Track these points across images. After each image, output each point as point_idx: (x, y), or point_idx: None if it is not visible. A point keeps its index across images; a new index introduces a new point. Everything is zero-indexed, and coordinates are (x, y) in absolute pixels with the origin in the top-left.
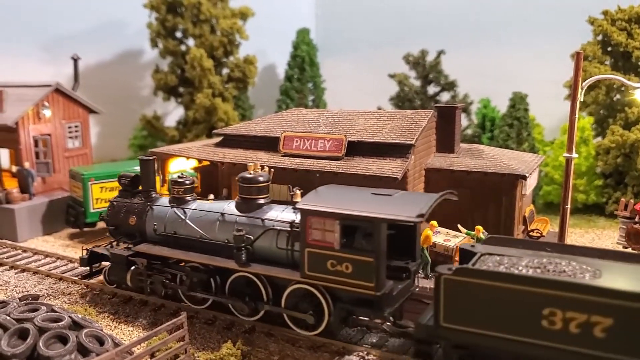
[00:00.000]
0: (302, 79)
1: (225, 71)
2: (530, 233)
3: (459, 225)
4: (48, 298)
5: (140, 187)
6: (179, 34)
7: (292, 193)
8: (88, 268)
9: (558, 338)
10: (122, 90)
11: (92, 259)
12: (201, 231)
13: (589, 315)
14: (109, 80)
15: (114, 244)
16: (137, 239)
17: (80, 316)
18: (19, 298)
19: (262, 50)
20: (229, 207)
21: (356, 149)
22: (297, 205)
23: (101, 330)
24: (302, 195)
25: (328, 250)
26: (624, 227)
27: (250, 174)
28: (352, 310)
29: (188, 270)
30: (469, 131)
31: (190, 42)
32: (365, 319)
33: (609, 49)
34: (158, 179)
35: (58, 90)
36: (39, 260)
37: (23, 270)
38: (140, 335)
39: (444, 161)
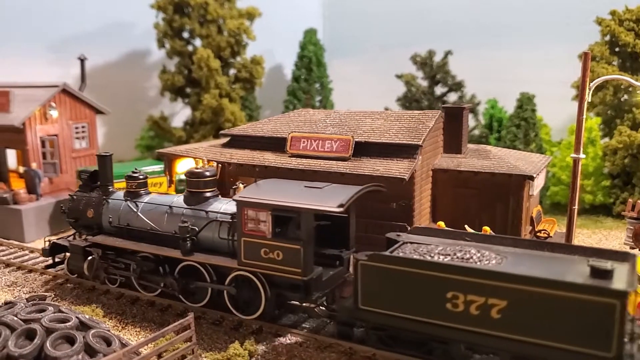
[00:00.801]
0: (309, 79)
1: (232, 72)
2: (538, 234)
3: (466, 226)
4: (56, 299)
5: (98, 182)
6: (185, 35)
7: (234, 187)
8: (50, 259)
9: (461, 319)
10: (129, 90)
11: (54, 250)
12: (151, 223)
13: (487, 298)
14: (115, 81)
15: (76, 235)
16: (95, 231)
17: (87, 317)
18: (26, 299)
19: (269, 50)
20: (177, 200)
21: (363, 149)
22: (234, 198)
23: (108, 330)
24: None
25: (261, 239)
26: (632, 227)
27: (197, 168)
28: (285, 295)
29: (138, 260)
30: (476, 132)
31: (197, 42)
32: (296, 302)
33: (617, 49)
34: (165, 179)
35: (65, 91)
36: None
37: (30, 271)
38: (147, 335)
39: (451, 162)
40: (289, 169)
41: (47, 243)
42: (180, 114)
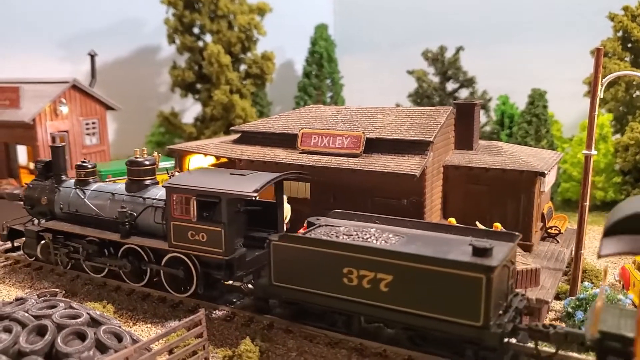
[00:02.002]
0: (320, 75)
1: (242, 67)
2: (549, 230)
3: (477, 223)
4: (67, 295)
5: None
6: (196, 30)
7: (170, 174)
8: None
9: (355, 293)
10: (139, 86)
11: (11, 234)
12: (96, 209)
13: (376, 273)
14: (126, 77)
15: (34, 221)
16: (48, 217)
17: (98, 313)
18: (37, 295)
19: (280, 46)
20: (120, 187)
21: (374, 145)
22: (163, 184)
23: (119, 326)
24: None
25: (188, 222)
26: None
27: (137, 158)
28: (212, 273)
29: (84, 243)
30: (488, 128)
31: (208, 38)
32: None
33: (629, 45)
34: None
35: (75, 87)
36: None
37: (40, 267)
38: (158, 331)
39: (462, 158)
40: (300, 166)
41: (5, 228)
42: (190, 110)
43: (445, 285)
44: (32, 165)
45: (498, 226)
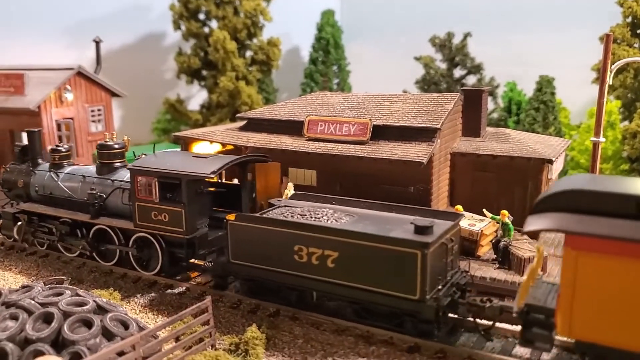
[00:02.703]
0: (327, 61)
1: (248, 54)
2: None
3: (484, 210)
4: (73, 282)
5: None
6: (201, 16)
7: (137, 157)
8: None
9: (305, 269)
10: (144, 73)
11: None
12: (69, 191)
13: (323, 250)
14: (131, 63)
15: (13, 204)
16: (24, 199)
17: (104, 300)
18: (43, 282)
19: (286, 32)
20: (91, 170)
21: (381, 132)
22: (127, 167)
23: (126, 314)
24: None
25: (151, 203)
26: None
27: (107, 141)
28: (175, 252)
29: (57, 224)
30: (495, 115)
31: (214, 24)
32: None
33: (639, 31)
34: None
35: (80, 74)
36: None
37: (47, 255)
38: (165, 319)
39: (469, 145)
40: (307, 153)
41: None
42: (196, 96)
43: (385, 261)
44: None
45: (505, 213)
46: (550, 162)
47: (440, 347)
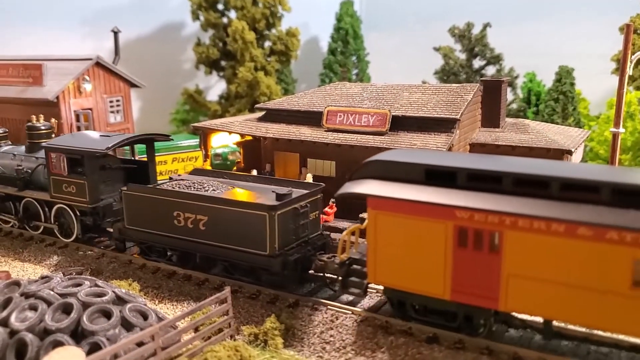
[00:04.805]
0: (346, 52)
1: (267, 44)
2: None
3: None
4: (92, 273)
5: None
6: (220, 6)
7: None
8: None
9: (183, 231)
10: (163, 63)
11: None
12: (1, 168)
13: (196, 215)
14: (150, 54)
15: None
16: None
17: (123, 291)
18: (62, 273)
19: (305, 22)
20: (21, 149)
21: (400, 123)
22: (42, 144)
23: (145, 304)
24: None
25: (61, 176)
26: None
27: (33, 123)
28: (84, 220)
29: None
30: (514, 106)
31: (232, 14)
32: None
33: None
34: (201, 153)
35: (99, 64)
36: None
37: (66, 245)
38: (184, 309)
39: (489, 136)
40: (325, 144)
41: None
42: (215, 87)
43: (242, 222)
44: None
45: None
46: (570, 152)
47: (459, 338)
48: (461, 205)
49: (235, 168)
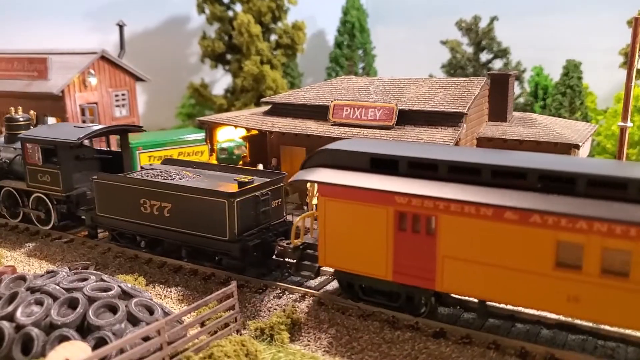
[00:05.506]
0: (352, 45)
1: (273, 37)
2: None
3: None
4: (98, 267)
5: None
6: (225, 0)
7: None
8: None
9: (149, 218)
10: (169, 57)
11: None
12: None
13: (161, 202)
14: (155, 48)
15: None
16: None
17: (129, 285)
18: (68, 267)
19: (311, 15)
20: (1, 140)
21: (407, 117)
22: (19, 136)
23: (151, 299)
24: None
25: (37, 166)
26: None
27: (12, 115)
28: (59, 208)
29: None
30: (522, 100)
31: (238, 7)
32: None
33: None
34: (207, 147)
35: (104, 58)
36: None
37: (72, 240)
38: (190, 304)
39: (496, 130)
40: (332, 138)
41: None
42: (221, 81)
43: (204, 209)
44: None
45: None
46: (577, 147)
47: (466, 333)
48: (400, 191)
49: (241, 162)
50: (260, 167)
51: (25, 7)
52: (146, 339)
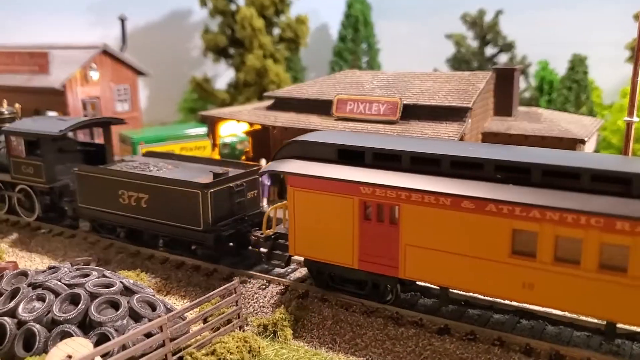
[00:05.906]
0: (356, 39)
1: (276, 31)
2: None
3: None
4: (100, 263)
5: None
6: None
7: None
8: None
9: (128, 209)
10: (171, 51)
11: None
12: None
13: (138, 193)
14: (157, 42)
15: None
16: None
17: (131, 281)
18: (70, 263)
19: (315, 9)
20: None
21: (412, 112)
22: (3, 129)
23: (153, 295)
24: None
25: (20, 158)
26: None
27: None
28: (42, 200)
29: None
30: (527, 94)
31: (241, 0)
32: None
33: None
34: (209, 143)
35: (106, 52)
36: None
37: (73, 236)
38: (192, 300)
39: (501, 125)
40: None
41: None
42: (223, 75)
43: (179, 200)
44: None
45: None
46: (583, 142)
47: (470, 329)
48: (364, 181)
49: (243, 157)
50: (263, 162)
51: (27, 1)
52: (148, 335)
